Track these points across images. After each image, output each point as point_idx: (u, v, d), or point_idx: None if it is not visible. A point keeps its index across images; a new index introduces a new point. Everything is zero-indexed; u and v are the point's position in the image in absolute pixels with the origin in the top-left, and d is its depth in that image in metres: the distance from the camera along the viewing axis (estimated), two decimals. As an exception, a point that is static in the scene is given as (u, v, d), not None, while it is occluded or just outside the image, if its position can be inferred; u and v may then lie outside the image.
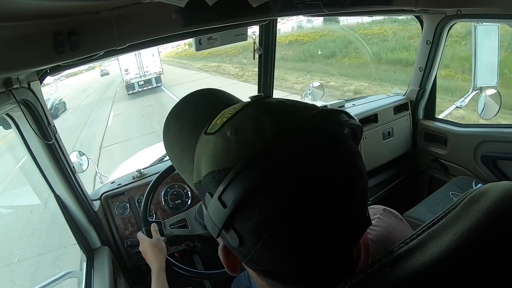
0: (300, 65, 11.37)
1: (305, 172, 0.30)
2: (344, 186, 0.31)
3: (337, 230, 0.31)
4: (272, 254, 0.31)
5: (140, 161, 2.38)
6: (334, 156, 0.31)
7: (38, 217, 3.19)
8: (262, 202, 0.29)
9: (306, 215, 0.29)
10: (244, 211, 0.30)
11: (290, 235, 0.30)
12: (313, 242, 0.30)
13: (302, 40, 12.85)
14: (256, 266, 0.33)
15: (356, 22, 10.46)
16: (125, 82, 15.00)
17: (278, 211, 0.29)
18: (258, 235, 0.30)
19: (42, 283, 1.25)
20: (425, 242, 0.33)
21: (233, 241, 0.32)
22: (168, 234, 1.13)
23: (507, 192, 0.34)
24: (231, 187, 0.30)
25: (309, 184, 0.30)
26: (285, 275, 0.33)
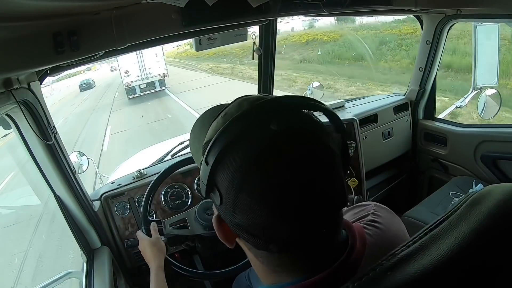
0: (326, 68, 10.23)
1: (265, 134, 0.36)
2: (300, 148, 0.37)
3: (297, 185, 0.35)
4: (243, 203, 0.36)
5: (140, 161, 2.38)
6: (290, 123, 0.38)
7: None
8: (232, 158, 0.36)
9: (267, 168, 0.35)
10: (221, 167, 0.37)
11: (255, 184, 0.35)
12: (274, 193, 0.35)
13: (321, 40, 11.89)
14: (234, 222, 0.38)
15: (376, 21, 9.59)
16: (125, 85, 13.45)
17: (244, 164, 0.36)
18: (230, 185, 0.36)
19: (42, 283, 1.25)
20: (427, 245, 0.33)
21: (216, 198, 0.39)
22: (168, 233, 1.13)
23: (509, 194, 0.34)
24: (212, 148, 0.38)
25: (268, 143, 0.36)
26: (259, 231, 0.37)
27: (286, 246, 0.37)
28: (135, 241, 1.13)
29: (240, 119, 0.38)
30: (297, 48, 12.59)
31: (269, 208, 0.35)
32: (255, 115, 0.38)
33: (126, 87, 13.48)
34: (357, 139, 1.70)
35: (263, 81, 1.73)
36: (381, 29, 9.51)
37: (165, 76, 13.82)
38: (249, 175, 0.36)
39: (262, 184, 0.35)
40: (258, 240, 0.37)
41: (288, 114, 0.39)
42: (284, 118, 0.38)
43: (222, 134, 0.37)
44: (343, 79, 9.03)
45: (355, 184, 1.69)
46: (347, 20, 10.42)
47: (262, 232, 0.37)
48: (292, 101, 0.41)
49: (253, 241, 0.38)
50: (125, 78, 13.31)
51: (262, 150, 0.36)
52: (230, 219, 0.38)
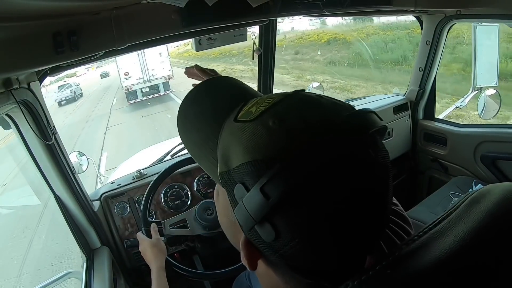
0: (366, 72, 8.89)
1: (352, 169, 0.30)
2: (381, 184, 0.32)
3: (373, 232, 0.32)
4: (309, 252, 0.30)
5: (140, 161, 2.38)
6: (373, 155, 0.32)
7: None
8: (309, 199, 0.29)
9: (349, 215, 0.30)
10: (289, 205, 0.29)
11: (332, 236, 0.30)
12: (353, 238, 0.31)
13: (344, 39, 10.78)
14: (284, 262, 0.32)
15: (405, 20, 8.30)
16: (124, 89, 11.77)
17: (325, 210, 0.29)
18: (299, 231, 0.29)
19: (42, 283, 1.25)
20: (426, 244, 0.33)
21: (267, 235, 0.31)
22: (168, 234, 1.13)
23: (508, 194, 0.34)
24: (279, 178, 0.29)
25: (356, 182, 0.30)
26: (317, 272, 0.32)
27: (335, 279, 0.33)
28: (135, 241, 1.13)
29: (322, 144, 0.30)
30: (317, 49, 11.71)
31: (341, 253, 0.31)
32: (339, 142, 0.30)
33: (126, 91, 11.80)
34: (357, 139, 1.70)
35: (263, 81, 1.72)
36: (411, 28, 8.29)
37: (170, 78, 12.05)
38: (329, 221, 0.29)
39: (342, 229, 0.30)
40: (310, 279, 0.33)
41: (372, 141, 0.32)
42: (371, 148, 0.31)
43: (297, 161, 0.29)
44: (400, 87, 7.29)
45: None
46: (365, 18, 9.23)
47: (319, 272, 0.32)
48: (368, 121, 0.33)
49: (300, 278, 0.33)
50: (125, 80, 11.60)
51: (350, 194, 0.30)
52: (279, 257, 0.32)
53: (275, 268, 0.35)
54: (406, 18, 7.83)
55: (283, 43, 14.00)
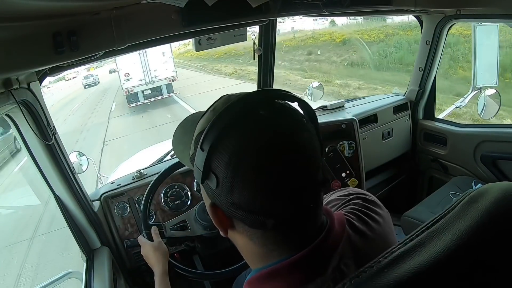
0: (390, 76, 8.11)
1: (256, 118, 0.41)
2: (285, 129, 0.41)
3: (287, 163, 0.39)
4: (239, 183, 0.39)
5: (140, 161, 2.38)
6: (276, 109, 0.43)
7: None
8: (227, 142, 0.40)
9: (260, 149, 0.39)
10: (216, 152, 0.40)
11: (249, 164, 0.39)
12: (268, 171, 0.39)
13: (362, 39, 10.11)
14: (230, 203, 0.40)
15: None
16: (125, 91, 10.86)
17: (239, 147, 0.39)
18: (227, 168, 0.39)
19: (42, 283, 1.25)
20: (424, 243, 0.33)
21: (212, 182, 0.41)
22: (169, 236, 1.12)
23: (506, 193, 0.34)
24: (207, 136, 0.41)
25: (259, 125, 0.41)
26: (255, 208, 0.40)
27: (281, 221, 0.40)
28: (135, 241, 1.13)
29: (231, 108, 0.41)
30: (333, 49, 11.28)
31: (263, 184, 0.39)
32: (244, 105, 0.42)
33: (126, 93, 10.92)
34: (357, 139, 1.70)
35: (263, 81, 1.73)
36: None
37: (174, 79, 11.31)
38: (245, 156, 0.39)
39: (257, 164, 0.39)
40: (255, 216, 0.40)
41: (271, 103, 0.43)
42: (268, 107, 0.42)
43: (216, 122, 0.41)
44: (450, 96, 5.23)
45: (354, 184, 1.69)
46: (379, 18, 8.99)
47: (258, 208, 0.40)
48: (272, 93, 0.45)
49: (249, 219, 0.41)
50: (125, 82, 10.71)
51: (253, 132, 0.40)
52: (226, 200, 0.41)
53: (237, 224, 0.43)
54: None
55: (293, 43, 13.37)
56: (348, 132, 1.70)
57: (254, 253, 0.45)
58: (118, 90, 14.52)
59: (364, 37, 10.19)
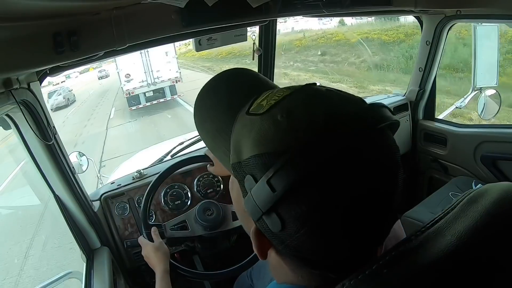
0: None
1: (357, 164, 0.31)
2: (388, 181, 0.33)
3: (377, 225, 0.33)
4: (314, 242, 0.32)
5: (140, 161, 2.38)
6: (381, 150, 0.33)
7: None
8: (313, 191, 0.30)
9: (353, 208, 0.31)
10: (293, 197, 0.30)
11: (336, 226, 0.31)
12: (356, 230, 0.32)
13: (379, 39, 9.38)
14: (291, 253, 0.33)
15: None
16: (125, 93, 10.28)
17: (327, 202, 0.30)
18: (303, 222, 0.31)
19: (42, 283, 1.25)
20: (423, 243, 0.33)
21: (274, 225, 0.32)
22: (169, 236, 1.12)
23: (506, 193, 0.34)
24: (283, 172, 0.30)
25: (360, 177, 0.31)
26: (322, 263, 0.34)
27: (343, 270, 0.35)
28: (135, 241, 1.13)
29: (326, 138, 0.30)
30: (349, 49, 10.45)
31: (344, 245, 0.32)
32: (345, 138, 0.31)
33: (127, 95, 10.33)
34: (357, 139, 1.70)
35: (263, 81, 1.72)
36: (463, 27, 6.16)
37: (177, 80, 10.60)
38: (333, 213, 0.30)
39: (345, 222, 0.31)
40: (315, 269, 0.35)
41: (373, 135, 0.32)
42: (371, 141, 0.32)
43: (302, 155, 0.30)
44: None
45: (355, 185, 1.69)
46: (393, 17, 8.21)
47: (324, 263, 0.34)
48: (376, 116, 0.34)
49: (306, 267, 0.35)
50: (126, 84, 10.14)
51: (352, 183, 0.30)
52: (286, 248, 0.34)
53: (284, 258, 0.36)
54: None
55: (303, 43, 12.76)
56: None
57: (287, 276, 0.38)
58: (117, 92, 13.80)
59: (382, 37, 9.41)
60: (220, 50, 16.57)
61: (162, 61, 10.35)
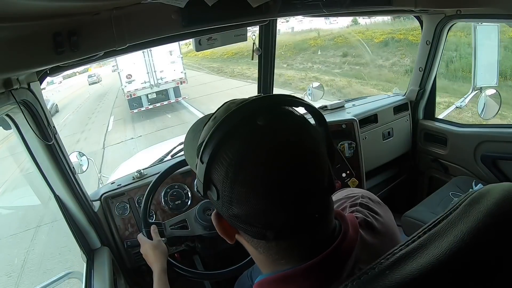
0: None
1: (253, 128, 0.39)
2: (286, 137, 0.40)
3: (286, 172, 0.38)
4: (238, 195, 0.38)
5: (140, 161, 2.38)
6: (275, 117, 0.41)
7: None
8: (224, 154, 0.39)
9: (257, 159, 0.38)
10: (215, 163, 0.40)
11: (247, 176, 0.38)
12: (266, 181, 0.37)
13: (406, 39, 8.67)
14: (230, 214, 0.40)
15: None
16: (126, 95, 9.55)
17: (236, 158, 0.38)
18: (225, 179, 0.39)
19: (42, 283, 1.25)
20: (425, 244, 0.33)
21: (213, 194, 0.41)
22: (169, 235, 1.13)
23: (508, 194, 0.34)
24: (205, 147, 0.40)
25: (257, 135, 0.39)
26: (255, 219, 0.39)
27: (282, 233, 0.39)
28: (135, 241, 1.13)
29: (228, 118, 0.40)
30: (373, 50, 9.64)
31: (262, 196, 0.38)
32: (242, 114, 0.41)
33: (128, 97, 9.64)
34: (357, 139, 1.70)
35: (263, 81, 1.72)
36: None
37: (183, 82, 9.98)
38: (242, 167, 0.38)
39: (253, 174, 0.38)
40: (255, 228, 0.39)
41: (272, 111, 0.42)
42: (268, 114, 0.40)
43: (213, 134, 0.40)
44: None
45: (355, 184, 1.69)
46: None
47: (258, 220, 0.39)
48: (274, 100, 0.43)
49: (250, 231, 0.40)
50: (127, 85, 9.47)
51: (250, 143, 0.39)
52: (228, 212, 0.40)
53: (244, 236, 0.43)
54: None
55: (318, 42, 11.91)
56: (348, 132, 1.70)
57: (261, 260, 0.44)
58: (117, 96, 12.73)
59: (409, 38, 8.68)
60: (224, 50, 15.99)
61: (166, 61, 9.71)
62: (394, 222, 0.53)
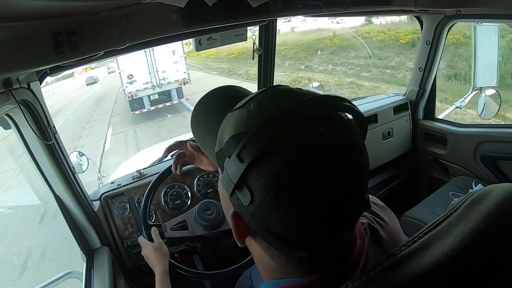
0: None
1: (315, 138, 0.34)
2: (345, 156, 0.35)
3: (339, 195, 0.34)
4: (279, 210, 0.34)
5: (140, 161, 2.38)
6: (335, 130, 0.36)
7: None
8: (275, 159, 0.33)
9: (312, 176, 0.33)
10: (258, 167, 0.34)
11: (296, 192, 0.33)
12: (317, 203, 0.33)
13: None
14: (262, 226, 0.36)
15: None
16: (127, 96, 9.28)
17: (288, 169, 0.33)
18: (268, 189, 0.33)
19: (42, 283, 1.25)
20: (427, 245, 0.33)
21: (245, 198, 0.35)
22: (170, 236, 1.12)
23: (508, 194, 0.34)
24: (249, 144, 0.34)
25: (314, 150, 0.34)
26: (290, 237, 0.35)
27: (314, 253, 0.37)
28: (135, 241, 1.13)
29: (285, 116, 0.35)
30: (401, 51, 8.95)
31: (308, 217, 0.34)
32: (303, 115, 0.35)
33: (129, 98, 9.34)
34: (357, 139, 1.70)
35: (263, 81, 1.72)
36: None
37: (186, 82, 9.64)
38: (292, 182, 0.33)
39: (306, 192, 0.33)
40: (286, 246, 0.36)
41: (331, 116, 0.36)
42: (329, 121, 0.36)
43: (264, 130, 0.34)
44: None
45: (355, 184, 1.69)
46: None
47: (294, 239, 0.35)
48: (332, 102, 0.38)
49: (279, 246, 0.37)
50: (128, 85, 9.17)
51: (310, 154, 0.33)
52: (259, 222, 0.36)
53: (261, 242, 0.39)
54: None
55: (335, 42, 11.10)
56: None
57: (270, 268, 0.42)
58: (116, 101, 11.91)
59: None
60: (230, 50, 15.33)
61: (169, 60, 9.39)
62: (398, 228, 0.52)
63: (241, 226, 0.39)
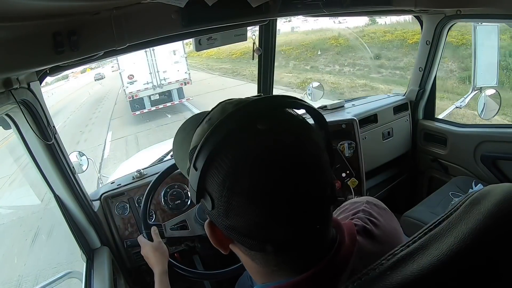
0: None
1: (254, 134, 0.37)
2: (288, 147, 0.37)
3: (288, 185, 0.35)
4: (237, 206, 0.36)
5: (140, 161, 2.38)
6: (277, 122, 0.38)
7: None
8: (222, 161, 0.36)
9: (255, 170, 0.35)
10: (211, 171, 0.37)
11: (245, 187, 0.35)
12: (266, 195, 0.35)
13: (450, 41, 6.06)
14: (228, 226, 0.38)
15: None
16: (128, 96, 9.24)
17: (234, 166, 0.36)
18: (221, 189, 0.36)
19: (42, 283, 1.25)
20: (426, 245, 0.33)
21: (208, 203, 0.38)
22: (169, 236, 1.12)
23: (508, 194, 0.34)
24: (200, 153, 0.37)
25: (257, 143, 0.36)
26: (256, 233, 0.37)
27: (282, 246, 0.38)
28: (135, 241, 1.13)
29: (225, 122, 0.37)
30: (409, 52, 8.67)
31: (261, 208, 0.35)
32: (241, 117, 0.38)
33: (130, 99, 9.29)
34: (357, 139, 1.70)
35: (263, 81, 1.72)
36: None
37: (187, 82, 9.63)
38: (240, 177, 0.36)
39: (253, 185, 0.35)
40: (254, 241, 0.37)
41: (272, 114, 0.39)
42: (269, 118, 0.38)
43: (209, 138, 0.37)
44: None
45: (354, 184, 1.69)
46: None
47: (257, 233, 0.37)
48: (274, 101, 0.41)
49: (248, 243, 0.38)
50: (129, 86, 9.12)
51: (250, 150, 0.36)
52: (223, 223, 0.38)
53: (240, 247, 0.41)
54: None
55: (340, 42, 10.77)
56: (348, 132, 1.70)
57: (257, 271, 0.43)
58: (116, 102, 11.67)
59: (448, 39, 6.47)
60: (231, 49, 15.03)
61: (170, 60, 9.33)
62: (397, 229, 0.52)
63: (218, 234, 0.42)
